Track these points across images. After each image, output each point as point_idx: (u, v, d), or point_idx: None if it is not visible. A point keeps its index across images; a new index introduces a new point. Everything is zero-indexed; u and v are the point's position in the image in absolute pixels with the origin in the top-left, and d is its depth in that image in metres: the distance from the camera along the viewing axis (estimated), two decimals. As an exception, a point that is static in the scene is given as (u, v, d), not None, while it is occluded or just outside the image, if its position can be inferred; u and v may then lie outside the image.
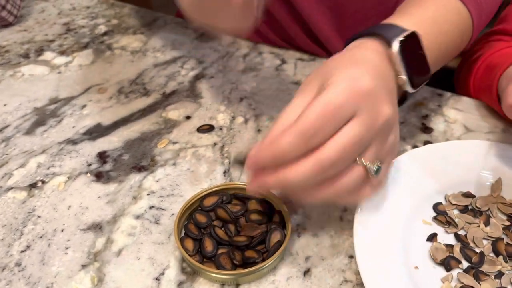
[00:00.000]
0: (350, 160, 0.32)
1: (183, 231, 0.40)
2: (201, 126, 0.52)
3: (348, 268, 0.38)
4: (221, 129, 0.52)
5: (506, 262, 0.36)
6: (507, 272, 0.35)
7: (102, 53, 0.66)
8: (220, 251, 0.38)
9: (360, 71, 0.33)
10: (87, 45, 0.68)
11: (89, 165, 0.48)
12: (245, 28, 0.40)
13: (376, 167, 0.34)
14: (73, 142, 0.51)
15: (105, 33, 0.71)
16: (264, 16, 0.62)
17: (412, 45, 0.38)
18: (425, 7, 0.44)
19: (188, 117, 0.54)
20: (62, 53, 0.67)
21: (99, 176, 0.47)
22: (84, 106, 0.56)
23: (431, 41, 0.41)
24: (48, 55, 0.66)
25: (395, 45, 0.37)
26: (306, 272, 0.37)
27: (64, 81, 0.61)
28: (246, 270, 0.36)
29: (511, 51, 0.54)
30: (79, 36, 0.71)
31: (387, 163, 0.36)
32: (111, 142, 0.51)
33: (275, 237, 0.38)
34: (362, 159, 0.33)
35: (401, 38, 0.37)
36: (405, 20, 0.41)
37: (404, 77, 0.38)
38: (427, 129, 0.51)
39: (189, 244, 0.38)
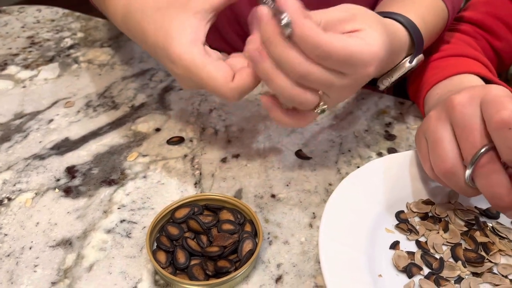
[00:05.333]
0: (321, 86, 0.37)
1: (155, 244, 0.40)
2: (171, 138, 0.52)
3: (319, 273, 0.39)
4: (191, 140, 0.53)
5: (465, 267, 0.38)
6: (466, 276, 0.37)
7: (68, 66, 0.66)
8: (192, 262, 0.38)
9: (380, 57, 0.37)
10: (53, 58, 0.67)
11: (57, 180, 0.47)
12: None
13: (324, 109, 0.39)
14: (40, 157, 0.50)
15: (71, 47, 0.70)
16: (233, 25, 0.64)
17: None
18: (425, 10, 0.48)
19: (157, 130, 0.54)
20: (26, 67, 0.65)
21: (68, 191, 0.46)
22: (51, 121, 0.55)
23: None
24: (12, 69, 0.65)
25: (414, 63, 0.46)
26: (278, 279, 0.38)
27: (29, 96, 0.60)
28: (219, 280, 0.36)
29: (444, 63, 0.52)
30: (44, 50, 0.70)
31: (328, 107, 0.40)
32: (80, 156, 0.50)
33: (247, 246, 0.39)
34: (324, 98, 0.38)
35: (419, 60, 0.46)
36: (417, 21, 0.46)
37: (408, 64, 0.46)
38: (390, 136, 0.53)
39: (162, 256, 0.38)
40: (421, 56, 0.47)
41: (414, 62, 0.47)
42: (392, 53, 0.41)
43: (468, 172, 0.37)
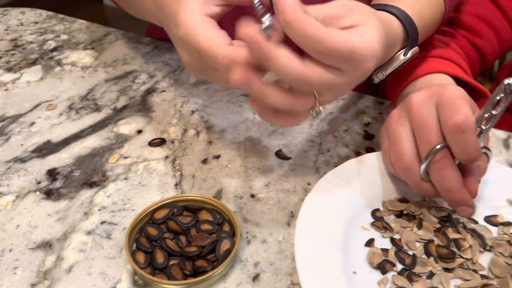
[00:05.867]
0: (314, 88, 0.35)
1: (135, 245, 0.40)
2: (152, 140, 0.53)
3: (295, 271, 0.39)
4: (172, 142, 0.53)
5: (437, 262, 0.39)
6: (438, 272, 0.38)
7: (51, 69, 0.66)
8: (171, 262, 0.39)
9: (378, 52, 0.36)
10: (36, 61, 0.68)
11: (38, 183, 0.48)
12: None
13: (319, 110, 0.37)
14: (21, 160, 0.50)
15: (54, 49, 0.71)
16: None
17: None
18: (423, 4, 0.48)
19: (139, 131, 0.55)
20: (9, 69, 0.65)
21: (49, 194, 0.46)
22: (32, 124, 0.56)
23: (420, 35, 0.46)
24: (-6, 72, 0.65)
25: (409, 55, 0.45)
26: (255, 278, 0.39)
27: (11, 99, 0.60)
28: (196, 279, 0.37)
29: (419, 64, 0.52)
30: (27, 52, 0.70)
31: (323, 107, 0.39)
32: (61, 159, 0.51)
33: (225, 245, 0.39)
34: (318, 100, 0.36)
35: (414, 53, 0.44)
36: (414, 17, 0.45)
37: (402, 57, 0.45)
38: (369, 136, 0.54)
39: (141, 257, 0.39)
40: (416, 49, 0.46)
41: (408, 55, 0.46)
42: (387, 46, 0.40)
43: (423, 166, 0.39)
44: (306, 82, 0.34)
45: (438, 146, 0.38)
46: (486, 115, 0.37)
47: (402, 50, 0.46)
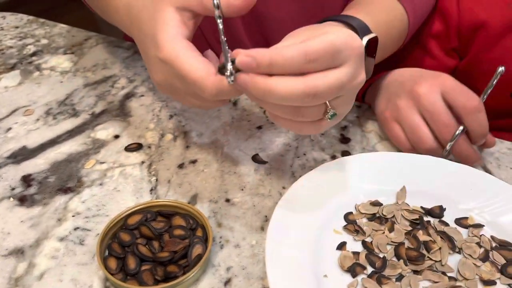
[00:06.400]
0: (326, 99, 0.35)
1: (107, 251, 0.40)
2: (129, 145, 0.53)
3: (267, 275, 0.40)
4: (149, 147, 0.53)
5: (406, 265, 0.39)
6: (407, 274, 0.38)
7: (30, 74, 0.66)
8: (143, 268, 0.39)
9: (354, 34, 0.37)
10: (14, 66, 0.67)
11: (13, 189, 0.47)
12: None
13: (333, 113, 0.37)
14: (-4, 166, 0.50)
15: (33, 54, 0.70)
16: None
17: (371, 46, 0.46)
18: (377, 10, 0.50)
19: (116, 136, 0.55)
20: (-13, 75, 0.65)
21: (23, 200, 0.46)
22: (9, 129, 0.55)
23: (380, 43, 0.47)
24: (-28, 78, 0.64)
25: (364, 40, 0.44)
26: (227, 282, 0.39)
27: (-12, 104, 0.59)
28: (167, 285, 0.37)
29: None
30: (6, 57, 0.69)
31: (340, 115, 0.39)
32: (37, 165, 0.50)
33: (197, 250, 0.40)
34: (328, 101, 0.36)
35: (369, 36, 0.45)
36: (364, 18, 0.46)
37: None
38: (345, 139, 0.55)
39: (112, 263, 0.39)
40: (372, 35, 0.46)
41: (364, 40, 0.45)
42: None
43: (448, 147, 0.48)
44: (313, 94, 0.34)
45: (459, 130, 0.47)
46: (485, 97, 0.48)
47: None
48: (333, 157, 0.52)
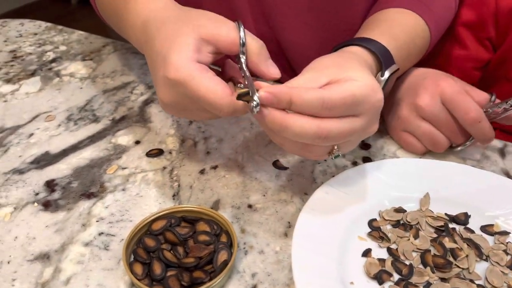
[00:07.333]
0: (336, 142, 0.38)
1: (132, 256, 0.41)
2: (150, 151, 0.53)
3: (293, 282, 0.39)
4: (170, 152, 0.53)
5: (433, 272, 0.39)
6: (434, 282, 0.38)
7: (50, 80, 0.66)
8: (169, 273, 0.39)
9: (377, 84, 0.39)
10: (35, 72, 0.68)
11: (37, 194, 0.48)
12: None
13: (338, 154, 0.40)
14: (19, 171, 0.51)
15: (53, 60, 0.71)
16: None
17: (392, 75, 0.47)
18: (400, 32, 0.50)
19: (137, 142, 0.55)
20: (8, 81, 0.66)
21: (47, 205, 0.47)
22: (31, 135, 0.56)
23: (400, 65, 0.49)
24: (-7, 84, 0.65)
25: (386, 74, 0.46)
26: (253, 289, 0.39)
27: (10, 110, 0.60)
28: (194, 291, 0.37)
29: None
30: (26, 64, 0.70)
31: (343, 153, 0.41)
32: (60, 170, 0.51)
33: (222, 256, 0.40)
34: (336, 145, 0.39)
35: (392, 70, 0.46)
36: (389, 43, 0.47)
37: (381, 78, 0.46)
38: (365, 146, 0.55)
39: (138, 268, 0.39)
40: (394, 66, 0.47)
41: (386, 74, 0.47)
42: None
43: (461, 148, 0.52)
44: (325, 137, 0.36)
45: (469, 141, 0.50)
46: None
47: (379, 73, 0.47)
48: (354, 163, 0.52)
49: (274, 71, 0.41)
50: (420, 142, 0.52)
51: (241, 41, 0.40)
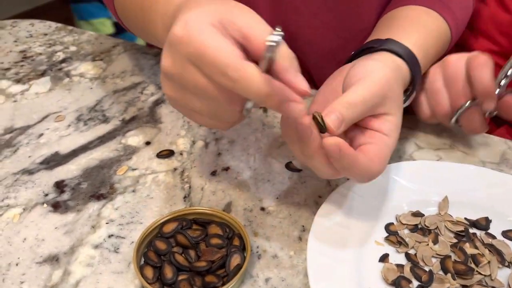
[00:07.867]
0: None
1: (143, 259, 0.40)
2: (161, 152, 0.52)
3: (308, 287, 0.38)
4: (181, 154, 0.52)
5: (454, 279, 0.37)
6: (455, 289, 0.37)
7: (59, 80, 0.66)
8: (180, 277, 0.38)
9: (400, 97, 0.41)
10: (44, 72, 0.68)
11: (46, 195, 0.47)
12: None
13: None
14: (29, 172, 0.50)
15: (63, 60, 0.71)
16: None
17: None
18: (422, 30, 0.49)
19: (148, 143, 0.54)
20: (18, 81, 0.65)
21: (56, 206, 0.46)
22: (41, 135, 0.55)
23: (423, 69, 0.48)
24: (3, 84, 0.65)
25: (413, 96, 0.47)
26: (266, 294, 0.38)
27: (19, 110, 0.60)
28: (206, 296, 0.36)
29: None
30: (36, 64, 0.70)
31: None
32: (69, 170, 0.50)
33: (235, 260, 0.38)
34: None
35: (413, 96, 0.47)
36: (417, 51, 0.46)
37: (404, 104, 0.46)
38: (380, 148, 0.53)
39: (149, 272, 0.38)
40: (413, 95, 0.48)
41: (407, 102, 0.47)
42: (401, 89, 0.43)
43: (454, 119, 0.49)
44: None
45: (469, 102, 0.48)
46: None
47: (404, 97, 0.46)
48: (369, 166, 0.51)
49: (303, 84, 0.33)
50: (426, 101, 0.51)
51: (275, 39, 0.30)
